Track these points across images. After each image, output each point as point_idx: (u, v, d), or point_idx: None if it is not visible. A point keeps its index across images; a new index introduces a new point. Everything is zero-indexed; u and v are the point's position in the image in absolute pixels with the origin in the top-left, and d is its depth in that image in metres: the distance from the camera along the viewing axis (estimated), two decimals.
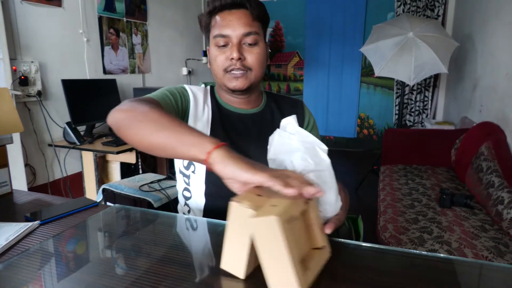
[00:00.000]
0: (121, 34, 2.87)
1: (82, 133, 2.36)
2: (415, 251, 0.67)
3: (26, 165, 2.14)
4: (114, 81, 2.64)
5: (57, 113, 2.33)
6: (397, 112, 4.69)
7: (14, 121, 0.91)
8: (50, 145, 2.27)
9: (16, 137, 2.01)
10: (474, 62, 3.13)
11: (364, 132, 5.07)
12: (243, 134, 0.97)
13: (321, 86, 5.11)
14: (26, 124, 2.14)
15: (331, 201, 0.66)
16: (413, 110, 4.65)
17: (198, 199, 0.97)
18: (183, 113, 0.93)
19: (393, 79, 4.68)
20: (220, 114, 0.97)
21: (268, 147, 0.72)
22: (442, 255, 0.66)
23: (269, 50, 4.30)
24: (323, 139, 5.01)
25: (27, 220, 0.82)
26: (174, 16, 3.56)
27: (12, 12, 2.01)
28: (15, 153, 1.99)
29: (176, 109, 0.89)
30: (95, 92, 2.46)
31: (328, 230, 0.65)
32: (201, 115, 0.95)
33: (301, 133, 0.70)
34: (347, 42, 4.86)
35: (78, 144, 2.24)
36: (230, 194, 0.92)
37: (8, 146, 0.98)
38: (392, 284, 0.56)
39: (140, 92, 2.71)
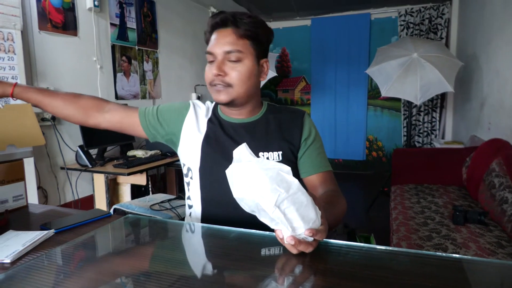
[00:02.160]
0: (133, 61, 2.97)
1: (94, 156, 2.40)
2: (420, 251, 0.66)
3: (39, 187, 2.18)
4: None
5: (70, 137, 2.39)
6: (405, 133, 4.69)
7: (36, 135, 0.96)
8: (62, 168, 2.31)
9: (30, 160, 2.05)
10: (480, 81, 3.15)
11: (373, 155, 5.05)
12: (234, 140, 1.00)
13: (328, 110, 5.16)
14: (40, 147, 2.19)
15: (313, 216, 0.64)
16: (421, 131, 4.64)
17: (197, 207, 1.01)
18: (172, 125, 1.06)
19: (399, 100, 4.71)
20: (215, 123, 1.04)
21: (230, 185, 0.67)
22: (443, 254, 0.66)
23: (276, 74, 4.37)
24: (332, 162, 4.99)
25: (43, 229, 0.84)
26: (183, 44, 3.69)
27: (30, 40, 2.11)
28: (29, 175, 2.03)
29: (151, 121, 1.05)
30: None
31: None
32: (199, 122, 1.05)
33: (258, 161, 0.65)
34: (353, 66, 4.94)
35: (90, 166, 2.27)
36: (226, 201, 0.94)
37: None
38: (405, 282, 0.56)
39: None
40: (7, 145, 0.92)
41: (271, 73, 4.06)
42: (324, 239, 0.68)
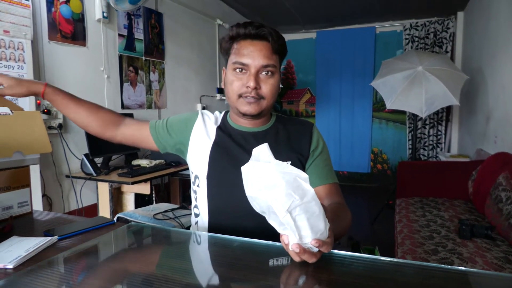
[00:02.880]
0: (139, 71, 3.01)
1: (99, 165, 2.41)
2: (423, 262, 0.65)
3: (44, 195, 2.18)
4: (131, 115, 2.73)
5: (76, 146, 2.40)
6: (410, 146, 4.67)
7: (43, 142, 0.97)
8: (67, 176, 2.32)
9: (36, 167, 2.07)
10: (485, 95, 3.14)
11: (378, 167, 5.03)
12: (243, 148, 1.00)
13: (333, 122, 5.16)
14: (46, 155, 2.20)
15: (322, 228, 0.63)
16: (426, 144, 4.62)
17: (203, 215, 1.00)
18: (181, 135, 1.07)
19: (404, 113, 4.70)
20: (224, 131, 1.04)
21: (244, 182, 0.65)
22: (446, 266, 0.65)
23: (281, 86, 4.42)
24: (337, 174, 4.96)
25: (46, 235, 0.84)
26: (189, 55, 3.73)
27: (40, 50, 2.15)
28: (34, 183, 2.04)
29: (161, 133, 1.08)
30: None
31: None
32: (207, 130, 1.05)
33: (277, 163, 0.64)
34: (357, 78, 4.96)
35: (95, 175, 2.28)
36: (233, 210, 0.93)
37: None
38: None
39: None
40: (14, 152, 0.93)
41: None
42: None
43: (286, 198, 0.60)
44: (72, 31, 2.36)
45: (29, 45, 2.01)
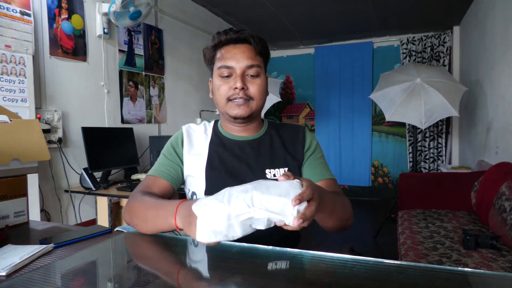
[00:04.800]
0: (139, 86, 3.03)
1: (98, 179, 2.40)
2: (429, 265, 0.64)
3: (42, 210, 2.16)
4: (131, 130, 2.73)
5: (75, 160, 2.40)
6: (411, 159, 4.66)
7: (42, 150, 0.96)
8: (66, 191, 2.31)
9: (35, 182, 2.05)
10: (485, 106, 3.15)
11: (379, 181, 5.00)
12: (240, 158, 0.99)
13: (332, 136, 5.17)
14: (45, 170, 2.19)
15: (288, 186, 0.63)
16: (427, 157, 4.61)
17: None
18: (178, 157, 1.03)
19: (404, 126, 4.71)
20: (218, 142, 1.03)
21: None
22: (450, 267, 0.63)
23: (280, 99, 4.41)
24: None
25: (42, 244, 0.82)
26: (189, 71, 3.76)
27: (41, 65, 2.17)
28: (32, 197, 2.02)
29: (170, 170, 1.01)
30: (113, 140, 2.54)
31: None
32: (198, 145, 1.03)
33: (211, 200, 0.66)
34: (356, 93, 4.99)
35: (94, 189, 2.26)
36: None
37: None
38: None
39: (155, 140, 2.80)
40: (12, 159, 0.92)
41: (275, 98, 4.11)
42: (330, 254, 0.66)
43: (239, 202, 0.61)
44: (73, 46, 2.39)
45: (31, 60, 2.03)
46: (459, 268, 0.61)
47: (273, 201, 0.60)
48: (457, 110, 2.99)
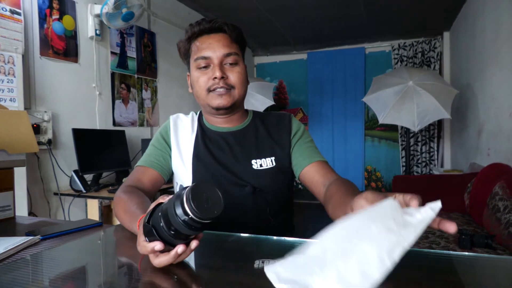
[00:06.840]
0: (132, 89, 3.00)
1: (89, 182, 2.35)
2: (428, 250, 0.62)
3: (30, 213, 2.10)
4: (123, 132, 2.69)
5: (65, 162, 2.35)
6: (404, 163, 4.68)
7: (30, 142, 0.93)
8: (55, 193, 2.25)
9: (23, 184, 2.00)
10: (476, 109, 3.18)
11: (372, 185, 5.00)
12: (225, 150, 0.97)
13: (326, 140, 5.17)
14: (33, 172, 2.14)
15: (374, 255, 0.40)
16: (419, 161, 4.63)
17: None
18: (168, 146, 1.02)
19: (396, 131, 4.74)
20: (203, 134, 1.01)
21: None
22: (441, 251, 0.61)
23: (274, 103, 4.36)
24: None
25: (28, 236, 0.78)
26: (182, 74, 3.75)
27: (31, 65, 2.13)
28: (20, 199, 1.97)
29: (159, 159, 1.00)
30: (104, 142, 2.50)
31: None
32: (184, 138, 1.01)
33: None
34: (349, 98, 5.02)
35: (84, 192, 2.21)
36: (221, 216, 0.88)
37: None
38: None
39: (147, 143, 2.74)
40: None
41: (268, 102, 4.10)
42: None
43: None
44: (64, 47, 2.36)
45: (20, 59, 2.00)
46: (459, 252, 0.60)
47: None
48: (449, 113, 3.01)
